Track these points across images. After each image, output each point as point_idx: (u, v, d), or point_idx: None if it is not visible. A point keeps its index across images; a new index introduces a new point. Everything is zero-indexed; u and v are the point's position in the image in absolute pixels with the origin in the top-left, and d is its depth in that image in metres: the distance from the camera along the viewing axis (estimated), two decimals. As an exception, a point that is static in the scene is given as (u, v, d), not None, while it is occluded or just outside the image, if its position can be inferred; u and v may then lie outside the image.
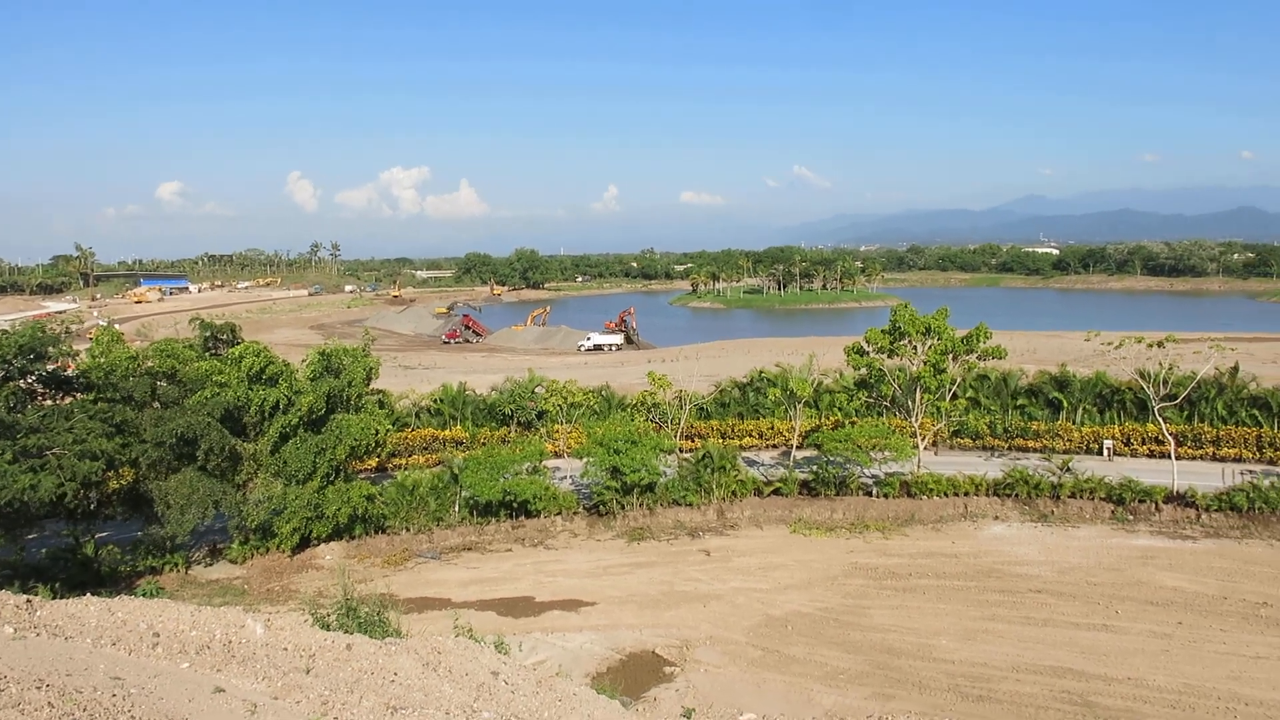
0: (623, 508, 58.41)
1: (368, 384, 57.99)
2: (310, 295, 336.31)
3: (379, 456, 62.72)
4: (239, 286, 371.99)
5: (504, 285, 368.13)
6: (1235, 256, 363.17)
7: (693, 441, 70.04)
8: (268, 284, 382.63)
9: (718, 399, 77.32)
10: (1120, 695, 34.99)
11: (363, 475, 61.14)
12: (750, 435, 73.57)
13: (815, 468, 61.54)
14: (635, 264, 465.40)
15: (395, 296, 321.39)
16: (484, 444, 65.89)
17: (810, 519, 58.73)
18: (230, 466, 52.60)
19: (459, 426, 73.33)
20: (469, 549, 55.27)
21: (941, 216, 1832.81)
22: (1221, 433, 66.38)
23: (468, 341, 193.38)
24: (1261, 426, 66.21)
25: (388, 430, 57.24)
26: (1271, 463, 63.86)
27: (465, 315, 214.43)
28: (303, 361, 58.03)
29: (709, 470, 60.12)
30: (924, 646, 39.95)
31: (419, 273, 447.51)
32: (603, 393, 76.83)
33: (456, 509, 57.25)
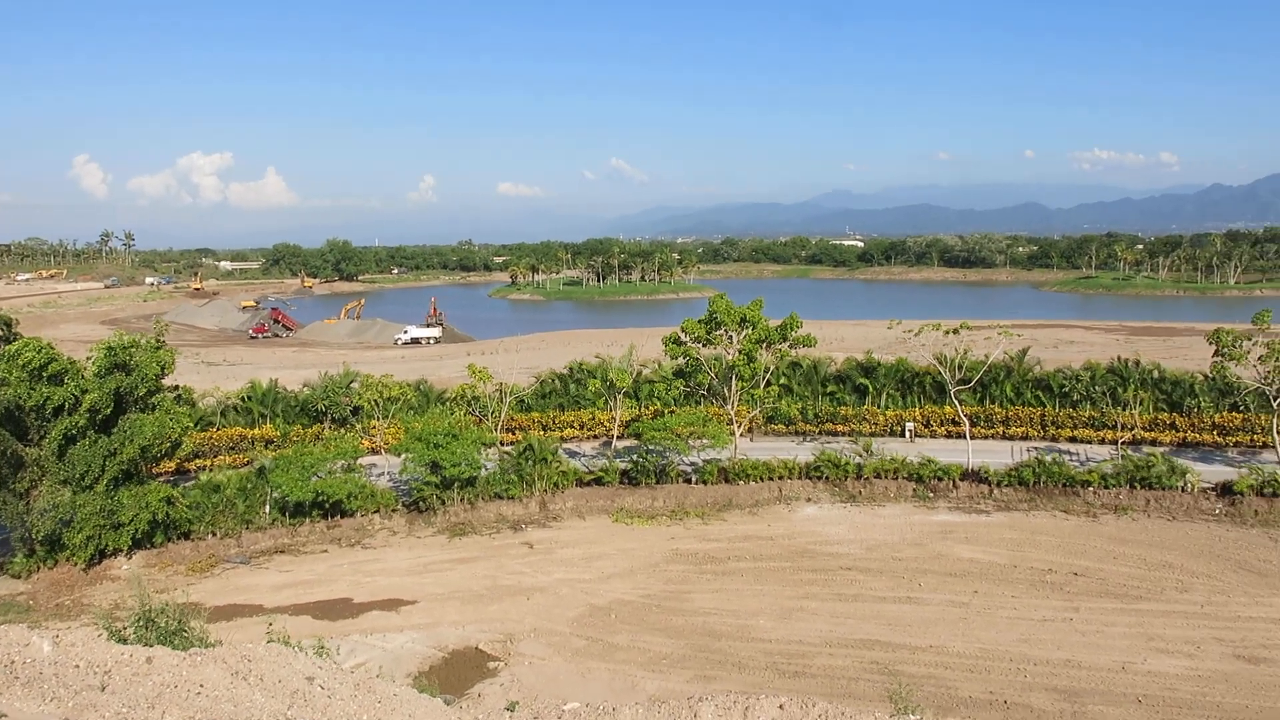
0: (443, 503, 57.39)
1: (162, 379, 54.50)
2: (105, 288, 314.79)
3: (176, 458, 59.09)
4: (19, 279, 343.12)
5: (315, 277, 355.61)
6: (1020, 249, 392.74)
7: (514, 434, 69.54)
8: (52, 275, 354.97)
9: (538, 391, 77.11)
10: (923, 663, 37.08)
11: (161, 479, 57.58)
12: (571, 426, 73.73)
13: (636, 457, 62.26)
14: (453, 256, 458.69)
15: (196, 289, 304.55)
16: (296, 442, 63.35)
17: (632, 508, 59.40)
18: (11, 473, 48.46)
19: (269, 425, 70.20)
20: (281, 552, 53.04)
21: (754, 210, 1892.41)
22: (1010, 413, 71.21)
23: (277, 336, 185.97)
24: (1045, 406, 71.41)
25: (187, 429, 54.03)
26: (1054, 440, 68.95)
27: (274, 309, 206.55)
28: (87, 358, 53.93)
29: (531, 462, 59.90)
30: (743, 627, 41.12)
31: (223, 264, 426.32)
32: (421, 387, 75.28)
33: (267, 511, 54.82)
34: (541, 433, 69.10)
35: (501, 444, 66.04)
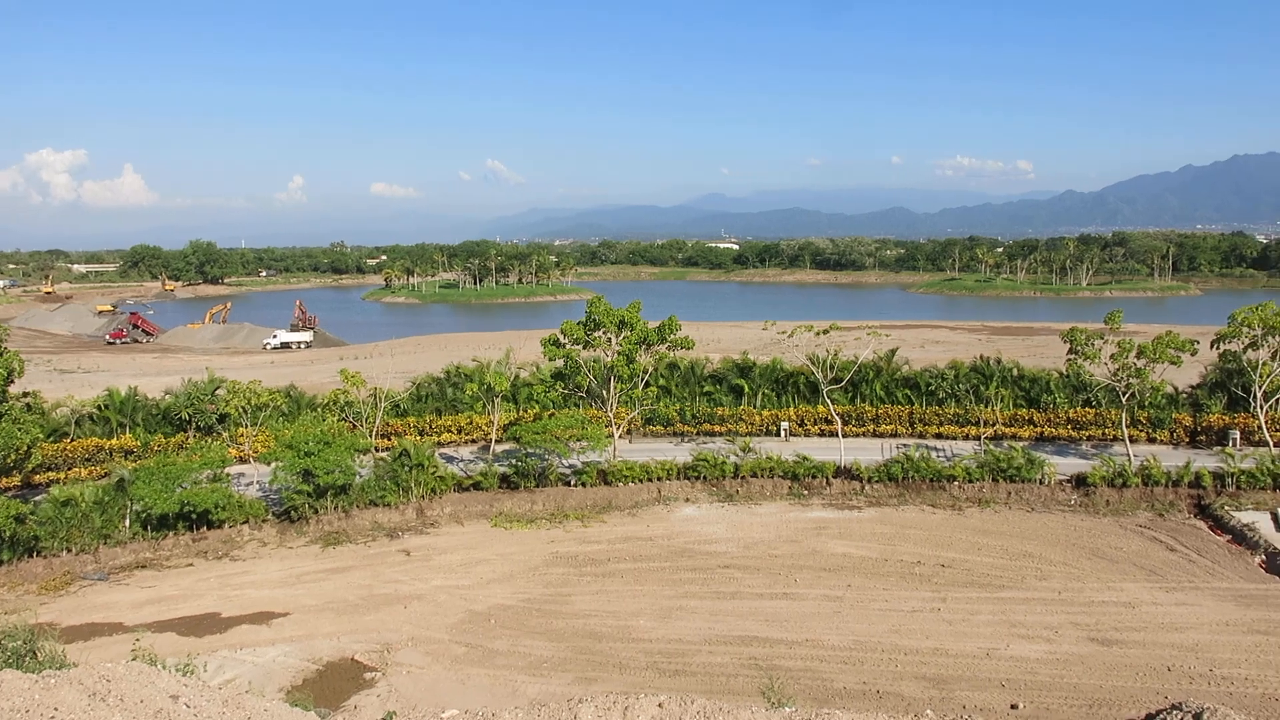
0: (316, 512, 55.86)
1: (9, 387, 51.42)
2: None
3: (21, 471, 55.66)
4: None
5: (177, 280, 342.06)
6: (889, 252, 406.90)
7: (389, 440, 68.28)
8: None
9: (414, 395, 75.82)
10: (800, 657, 37.87)
11: (8, 494, 54.39)
12: (449, 431, 72.75)
13: (515, 460, 61.82)
14: (325, 258, 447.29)
15: (48, 293, 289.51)
16: (158, 452, 60.74)
17: (511, 512, 58.98)
18: None
19: (129, 434, 67.07)
20: (143, 567, 50.74)
21: (631, 212, 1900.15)
22: (880, 411, 73.39)
23: (137, 341, 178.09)
24: (913, 404, 73.86)
25: (36, 439, 51.10)
26: (921, 436, 71.40)
27: (133, 313, 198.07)
28: None
29: (407, 468, 58.82)
30: (624, 628, 41.25)
31: (76, 266, 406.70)
32: (291, 393, 73.11)
33: (127, 524, 52.33)
34: (418, 438, 68.04)
35: (376, 450, 64.75)
